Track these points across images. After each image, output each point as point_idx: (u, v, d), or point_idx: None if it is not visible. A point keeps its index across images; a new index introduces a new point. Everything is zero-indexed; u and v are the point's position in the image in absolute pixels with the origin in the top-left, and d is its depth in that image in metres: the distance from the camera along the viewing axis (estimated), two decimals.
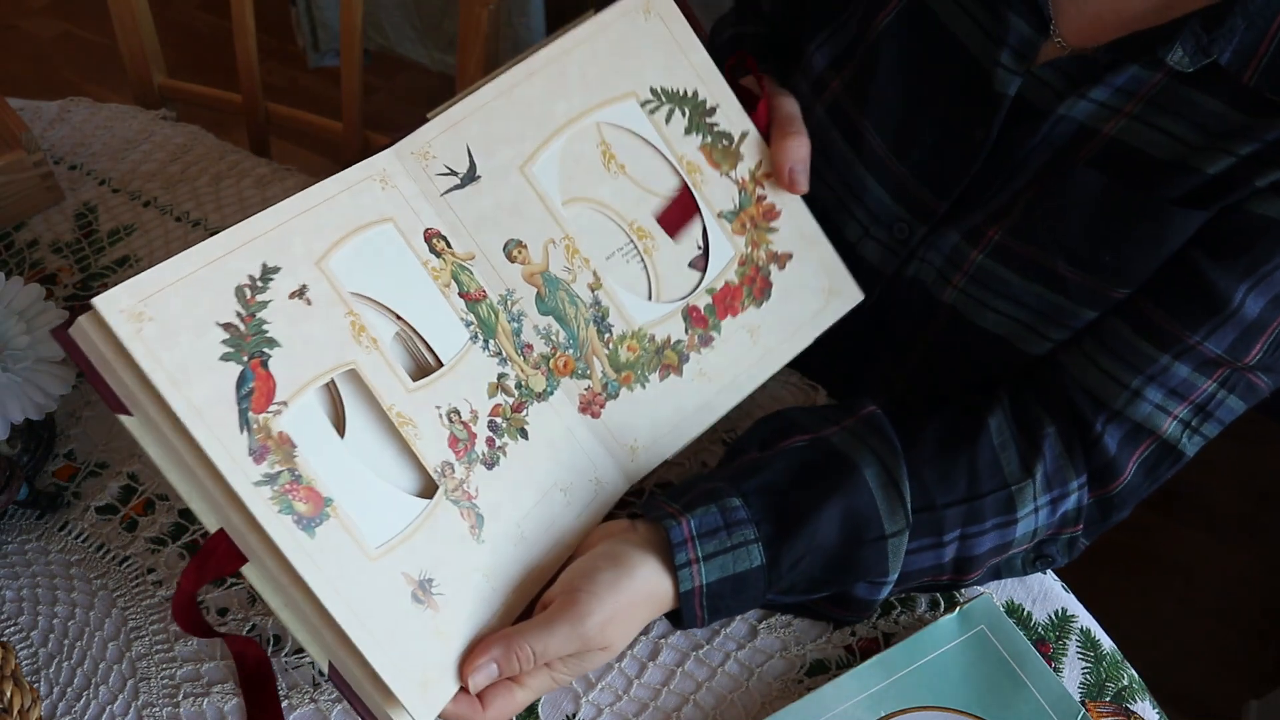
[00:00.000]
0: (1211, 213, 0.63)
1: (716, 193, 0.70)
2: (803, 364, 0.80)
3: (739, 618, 0.68)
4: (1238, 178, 0.62)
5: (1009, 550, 0.67)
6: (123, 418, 0.53)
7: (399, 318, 0.60)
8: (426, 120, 0.64)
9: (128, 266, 0.85)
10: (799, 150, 0.71)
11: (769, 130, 0.72)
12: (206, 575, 0.55)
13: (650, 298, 0.68)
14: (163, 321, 0.51)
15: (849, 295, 0.73)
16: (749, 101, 0.71)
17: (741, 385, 0.70)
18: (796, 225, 0.72)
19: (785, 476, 0.64)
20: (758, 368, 0.71)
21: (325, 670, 0.56)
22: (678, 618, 0.63)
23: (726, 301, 0.70)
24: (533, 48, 0.65)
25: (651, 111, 0.68)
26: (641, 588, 0.60)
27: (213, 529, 0.54)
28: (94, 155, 0.94)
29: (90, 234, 0.88)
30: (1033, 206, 0.68)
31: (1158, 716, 0.65)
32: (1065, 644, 0.67)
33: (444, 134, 0.63)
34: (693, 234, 0.69)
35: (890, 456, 0.65)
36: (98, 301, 0.50)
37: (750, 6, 0.90)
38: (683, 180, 0.69)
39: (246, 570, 0.54)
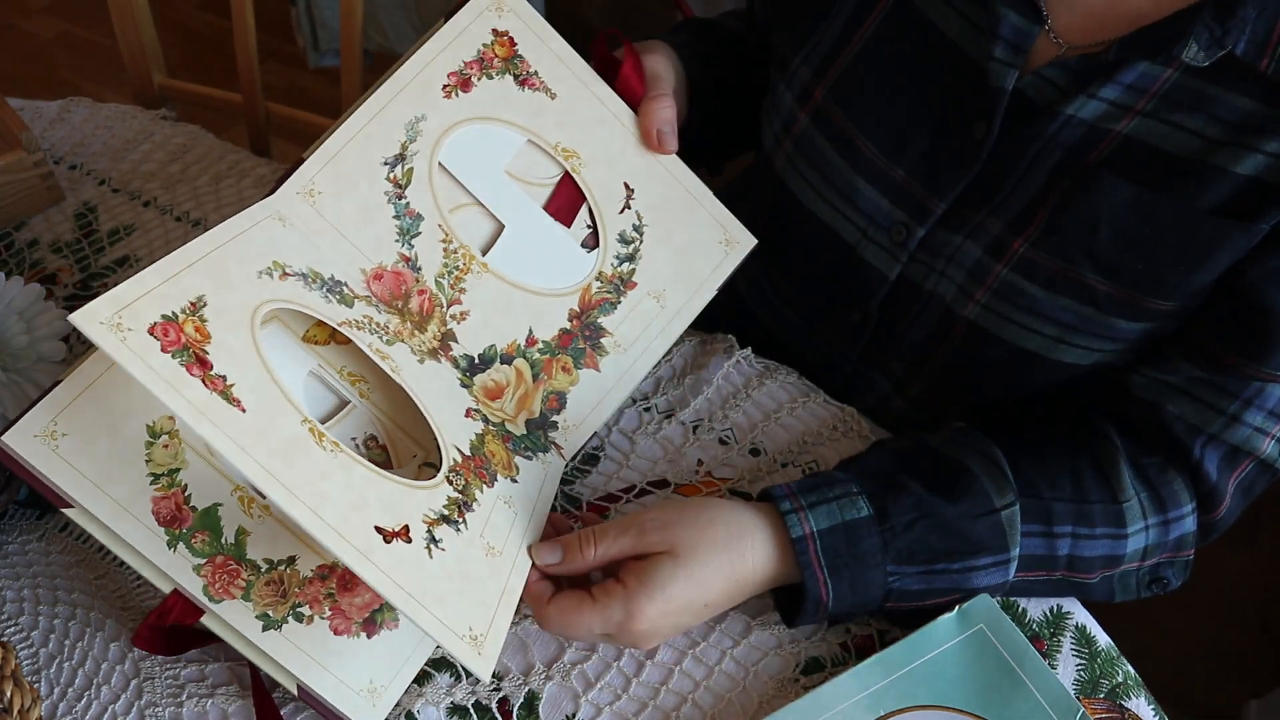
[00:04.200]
0: (1255, 233, 0.62)
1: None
2: (804, 369, 0.80)
3: (733, 614, 0.68)
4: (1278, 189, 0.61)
5: (1120, 565, 0.68)
6: (66, 510, 0.56)
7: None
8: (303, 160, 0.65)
9: (127, 266, 0.85)
10: (664, 111, 0.72)
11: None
12: (165, 622, 0.60)
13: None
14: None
15: (745, 243, 0.76)
16: (615, 74, 0.73)
17: (656, 348, 0.74)
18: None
19: (884, 462, 0.66)
20: (670, 327, 0.74)
21: (296, 693, 0.61)
22: (793, 611, 0.65)
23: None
24: (395, 64, 0.67)
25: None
26: (750, 552, 0.62)
27: (166, 590, 0.58)
28: (94, 155, 0.94)
29: (90, 234, 0.88)
30: (1058, 217, 0.67)
31: (1153, 712, 0.65)
32: (1060, 640, 0.67)
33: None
34: (582, 216, 0.72)
35: (989, 449, 0.66)
36: (6, 439, 0.53)
37: (745, 4, 0.90)
38: (563, 167, 0.71)
39: (205, 619, 0.59)
